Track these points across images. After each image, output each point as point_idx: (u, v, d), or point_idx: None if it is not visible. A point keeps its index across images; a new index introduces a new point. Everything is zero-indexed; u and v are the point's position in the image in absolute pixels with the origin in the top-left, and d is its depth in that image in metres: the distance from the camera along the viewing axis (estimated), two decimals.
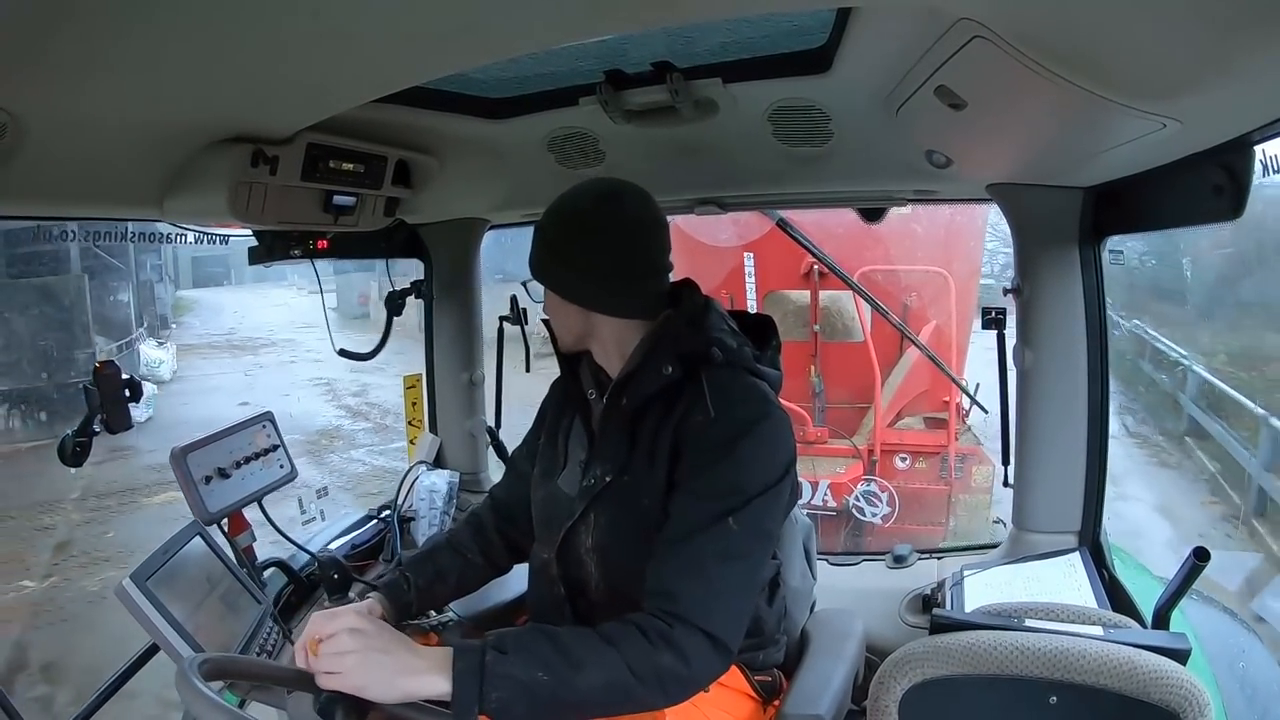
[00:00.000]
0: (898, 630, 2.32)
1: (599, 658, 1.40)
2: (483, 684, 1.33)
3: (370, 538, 2.57)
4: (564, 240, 1.69)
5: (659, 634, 1.42)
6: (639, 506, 1.63)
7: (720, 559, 1.50)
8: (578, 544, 1.72)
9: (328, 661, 1.34)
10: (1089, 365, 2.11)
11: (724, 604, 1.49)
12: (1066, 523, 2.20)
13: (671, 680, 1.42)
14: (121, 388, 1.80)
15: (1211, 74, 1.09)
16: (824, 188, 2.29)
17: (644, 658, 1.40)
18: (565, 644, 1.41)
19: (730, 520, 1.51)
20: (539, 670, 1.36)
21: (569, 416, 1.86)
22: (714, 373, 1.63)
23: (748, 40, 1.69)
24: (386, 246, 2.53)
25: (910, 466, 6.46)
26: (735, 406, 1.60)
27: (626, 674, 1.39)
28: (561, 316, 1.75)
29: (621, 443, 1.68)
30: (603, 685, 1.38)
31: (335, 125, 1.70)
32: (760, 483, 1.55)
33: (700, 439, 1.58)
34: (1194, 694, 1.43)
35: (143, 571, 1.62)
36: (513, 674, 1.35)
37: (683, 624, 1.43)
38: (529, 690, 1.35)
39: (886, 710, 1.60)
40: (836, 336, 6.55)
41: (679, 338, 1.67)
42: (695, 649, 1.43)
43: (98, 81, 1.17)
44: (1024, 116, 1.50)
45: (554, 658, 1.38)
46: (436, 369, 2.87)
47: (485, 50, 1.36)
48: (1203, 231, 7.43)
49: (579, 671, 1.37)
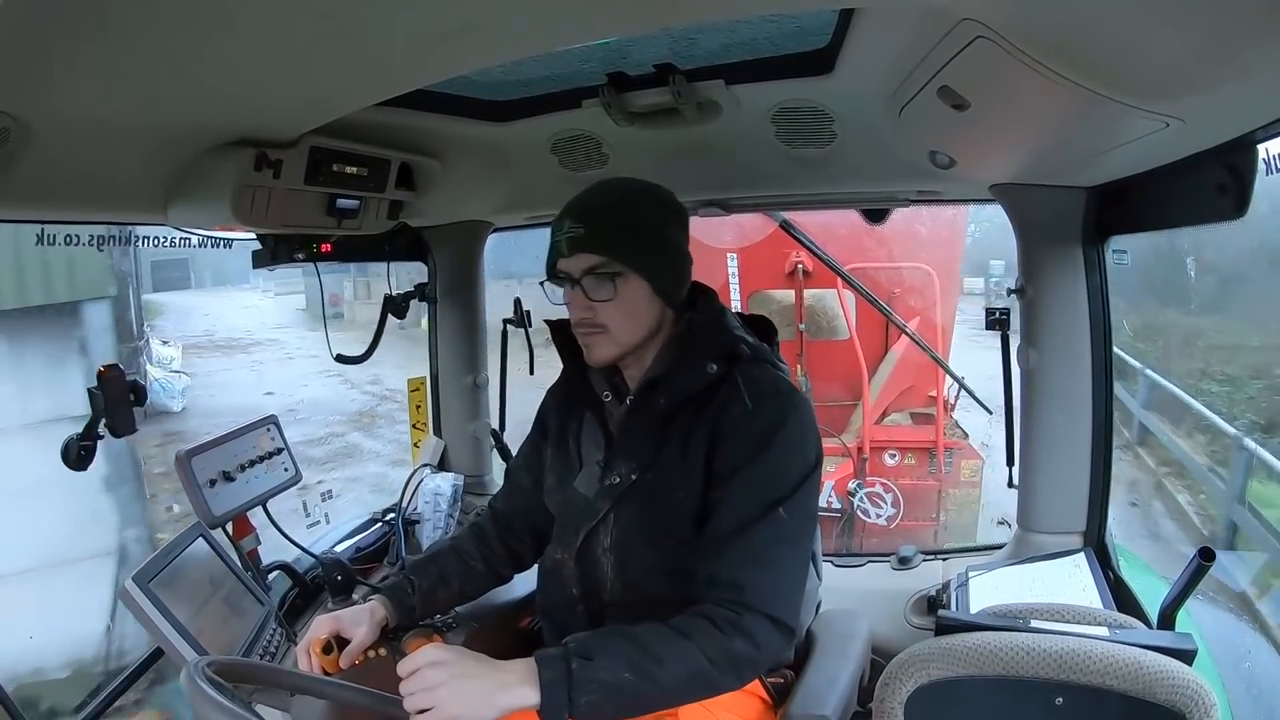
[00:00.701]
0: (903, 631, 2.32)
1: (678, 651, 1.44)
2: (571, 690, 1.36)
3: (375, 540, 2.57)
4: (658, 223, 1.67)
5: (729, 622, 1.47)
6: (668, 502, 1.64)
7: (775, 546, 1.55)
8: (596, 545, 1.72)
9: (421, 699, 1.35)
10: (1093, 365, 2.11)
11: (783, 588, 1.55)
12: (1071, 523, 2.20)
13: (745, 664, 1.49)
14: (126, 391, 1.80)
15: (1214, 73, 1.09)
16: (827, 189, 2.28)
17: (718, 646, 1.45)
18: (645, 642, 1.45)
19: (781, 510, 1.56)
20: (625, 671, 1.40)
21: (577, 420, 1.84)
22: (746, 368, 1.65)
23: (750, 42, 1.69)
24: (390, 249, 2.53)
25: (900, 463, 6.50)
26: (769, 399, 1.62)
27: (705, 663, 1.44)
28: (639, 313, 1.66)
29: (649, 440, 1.69)
30: (685, 676, 1.44)
31: (339, 128, 1.70)
32: (802, 469, 1.60)
33: (739, 432, 1.60)
34: (1200, 694, 1.43)
35: (145, 573, 1.63)
36: (600, 678, 1.39)
37: (749, 611, 1.49)
38: (617, 690, 1.39)
39: (892, 711, 1.60)
40: (822, 335, 6.66)
41: (712, 336, 1.68)
42: (763, 633, 1.49)
43: (101, 85, 1.17)
44: (1027, 116, 1.50)
45: (636, 656, 1.42)
46: (440, 372, 2.87)
47: (488, 53, 1.36)
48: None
49: (662, 667, 1.42)
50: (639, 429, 1.70)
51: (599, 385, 1.80)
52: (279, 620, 1.94)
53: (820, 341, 6.66)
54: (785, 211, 3.88)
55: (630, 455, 1.70)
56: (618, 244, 1.61)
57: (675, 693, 1.46)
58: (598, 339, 1.66)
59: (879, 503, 6.28)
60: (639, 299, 1.64)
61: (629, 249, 1.62)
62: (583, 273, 1.62)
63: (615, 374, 1.78)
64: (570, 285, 1.65)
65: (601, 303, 1.62)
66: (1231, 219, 1.48)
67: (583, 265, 1.62)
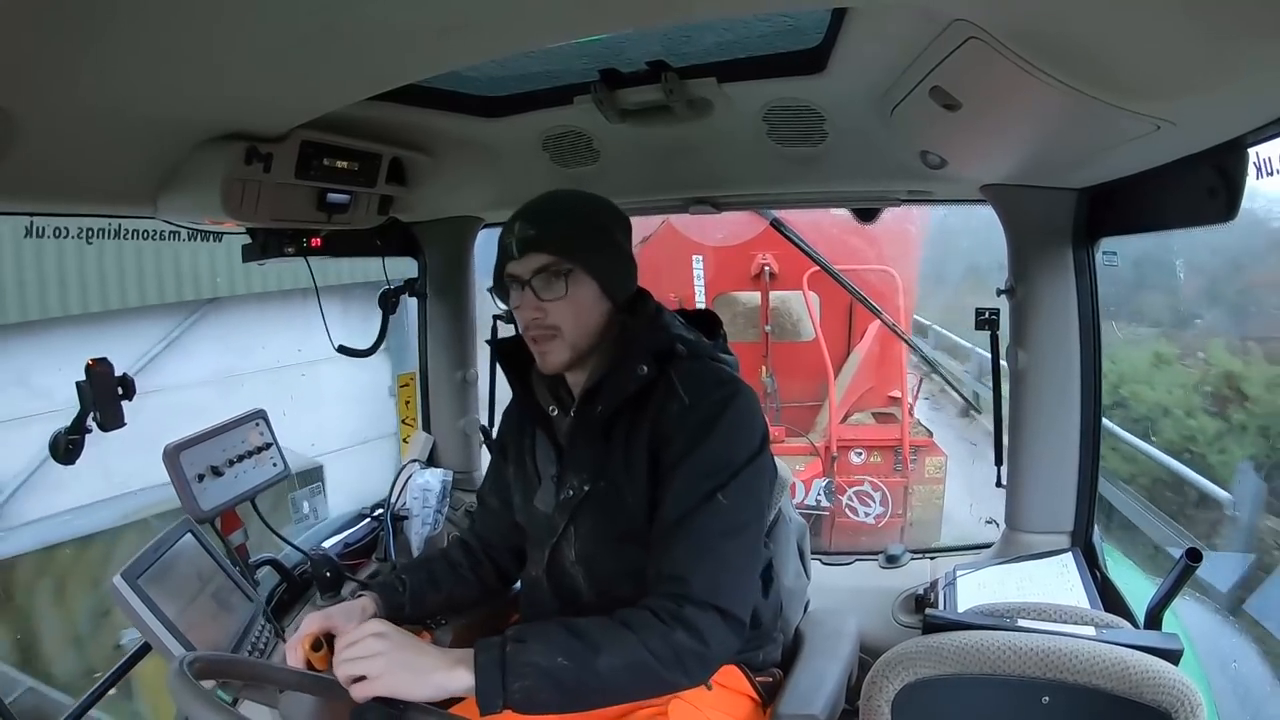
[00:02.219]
0: (891, 630, 2.33)
1: (617, 641, 1.43)
2: (505, 675, 1.37)
3: (363, 536, 2.56)
4: (605, 224, 1.71)
5: (670, 614, 1.45)
6: (622, 509, 1.64)
7: (717, 535, 1.53)
8: (562, 558, 1.74)
9: (358, 666, 1.35)
10: (1082, 366, 2.12)
11: (729, 578, 1.52)
12: (1059, 523, 2.21)
13: (690, 658, 1.45)
14: (114, 385, 1.79)
15: (1206, 76, 1.10)
16: (818, 188, 2.28)
17: (659, 639, 1.43)
18: (583, 630, 1.44)
19: (720, 496, 1.54)
20: (559, 656, 1.39)
21: (530, 436, 1.86)
22: (680, 365, 1.66)
23: (743, 40, 1.69)
24: (381, 245, 2.52)
25: (865, 461, 6.55)
26: (707, 390, 1.63)
27: (646, 654, 1.42)
28: (587, 315, 1.68)
29: (595, 450, 1.69)
30: (624, 667, 1.41)
31: (329, 123, 1.69)
32: (743, 455, 1.59)
33: (679, 426, 1.60)
34: (1186, 694, 1.44)
35: (134, 569, 1.61)
36: (534, 661, 1.38)
37: (692, 603, 1.47)
38: (552, 677, 1.38)
39: (879, 710, 1.60)
40: (786, 336, 6.78)
41: (644, 339, 1.68)
42: (708, 625, 1.46)
43: (91, 79, 1.16)
44: (1018, 117, 1.50)
45: (573, 643, 1.42)
46: (430, 368, 2.86)
47: (481, 48, 1.35)
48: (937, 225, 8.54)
49: (598, 655, 1.41)
50: (583, 439, 1.71)
51: (544, 400, 1.81)
52: (267, 616, 1.93)
53: (785, 343, 6.76)
54: (775, 210, 3.88)
55: (580, 467, 1.71)
56: (568, 243, 1.64)
57: (617, 684, 1.44)
58: (550, 344, 1.67)
59: (868, 501, 6.33)
60: (588, 298, 1.67)
61: (578, 247, 1.65)
62: (533, 273, 1.65)
63: (560, 386, 1.80)
64: (520, 288, 1.66)
65: (551, 302, 1.64)
66: (1221, 222, 1.49)
67: (533, 265, 1.64)
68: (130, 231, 6.69)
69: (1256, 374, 6.66)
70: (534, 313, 1.65)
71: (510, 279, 1.69)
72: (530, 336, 1.68)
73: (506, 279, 1.70)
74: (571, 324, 1.66)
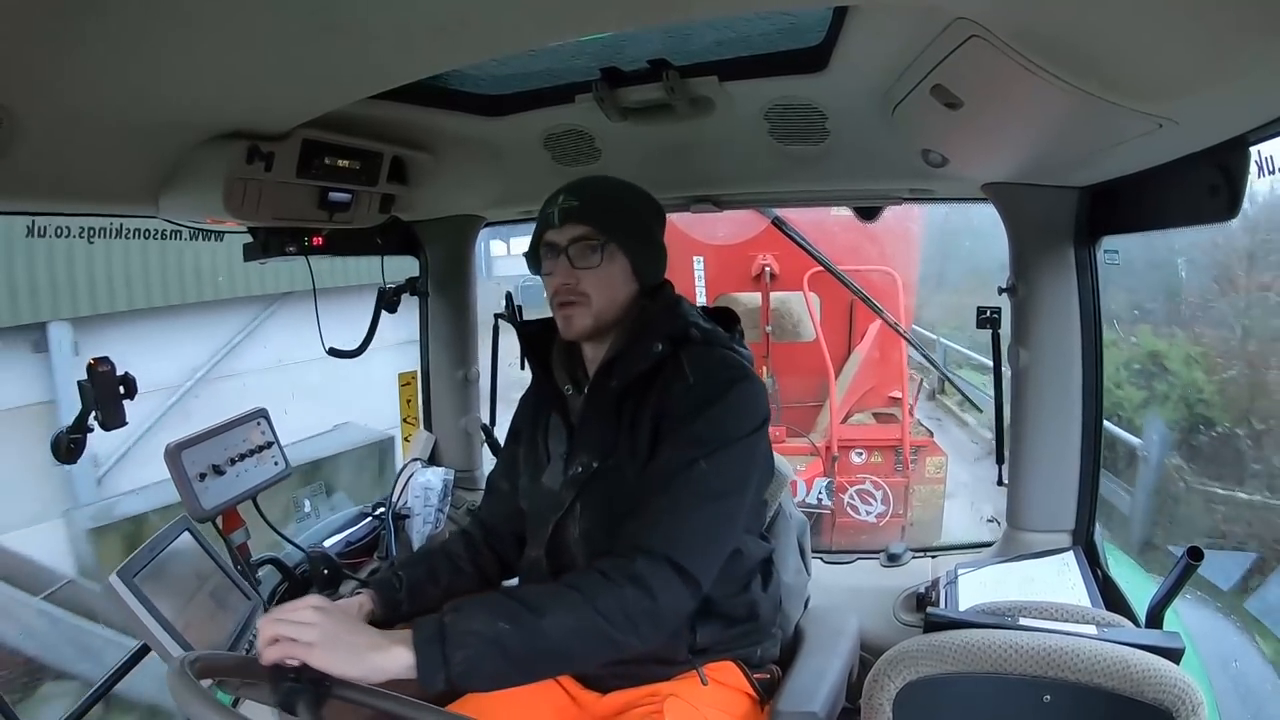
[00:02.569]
0: (892, 628, 2.33)
1: (562, 602, 1.41)
2: (445, 647, 1.32)
3: (365, 535, 2.56)
4: (644, 212, 1.78)
5: (619, 570, 1.45)
6: (625, 487, 1.65)
7: (690, 496, 1.54)
8: (566, 536, 1.74)
9: (287, 628, 1.31)
10: (1084, 365, 2.11)
11: (691, 534, 1.52)
12: (1060, 522, 2.20)
13: (640, 615, 1.44)
14: (116, 384, 1.79)
15: (1208, 74, 1.09)
16: (820, 186, 2.28)
17: (608, 597, 1.42)
18: (525, 595, 1.44)
19: (702, 462, 1.55)
20: (500, 620, 1.36)
21: (545, 416, 1.88)
22: (692, 349, 1.70)
23: (744, 38, 1.69)
24: (382, 243, 2.53)
25: (866, 460, 6.54)
26: (714, 372, 1.66)
27: (593, 614, 1.40)
28: (615, 290, 1.73)
29: (605, 427, 1.72)
30: (572, 628, 1.39)
31: (331, 121, 1.69)
32: (733, 433, 1.61)
33: (680, 403, 1.63)
34: (1187, 693, 1.44)
35: (130, 568, 1.61)
36: (474, 629, 1.35)
37: (646, 555, 1.47)
38: (495, 643, 1.35)
39: (881, 708, 1.60)
40: (787, 337, 6.72)
41: (662, 321, 1.73)
42: (660, 580, 1.46)
43: (93, 78, 1.16)
44: (1020, 116, 1.50)
45: (515, 607, 1.39)
46: (431, 366, 2.86)
47: (482, 47, 1.35)
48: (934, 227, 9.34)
49: (543, 617, 1.38)
50: (595, 417, 1.74)
51: (561, 380, 1.85)
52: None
53: (786, 344, 6.74)
54: (777, 208, 3.87)
55: (590, 444, 1.74)
56: (608, 219, 1.70)
57: (566, 647, 1.40)
58: (576, 309, 1.71)
59: (869, 500, 6.33)
60: (619, 273, 1.72)
61: (617, 224, 1.70)
62: (570, 241, 1.69)
63: (577, 367, 1.83)
64: (555, 255, 1.71)
65: (585, 270, 1.69)
66: (1223, 220, 1.49)
67: (571, 235, 1.69)
68: (208, 235, 7.16)
69: (1176, 353, 7.39)
70: (566, 278, 1.70)
71: (547, 246, 1.73)
72: (558, 302, 1.73)
73: (543, 247, 1.74)
74: (599, 294, 1.71)
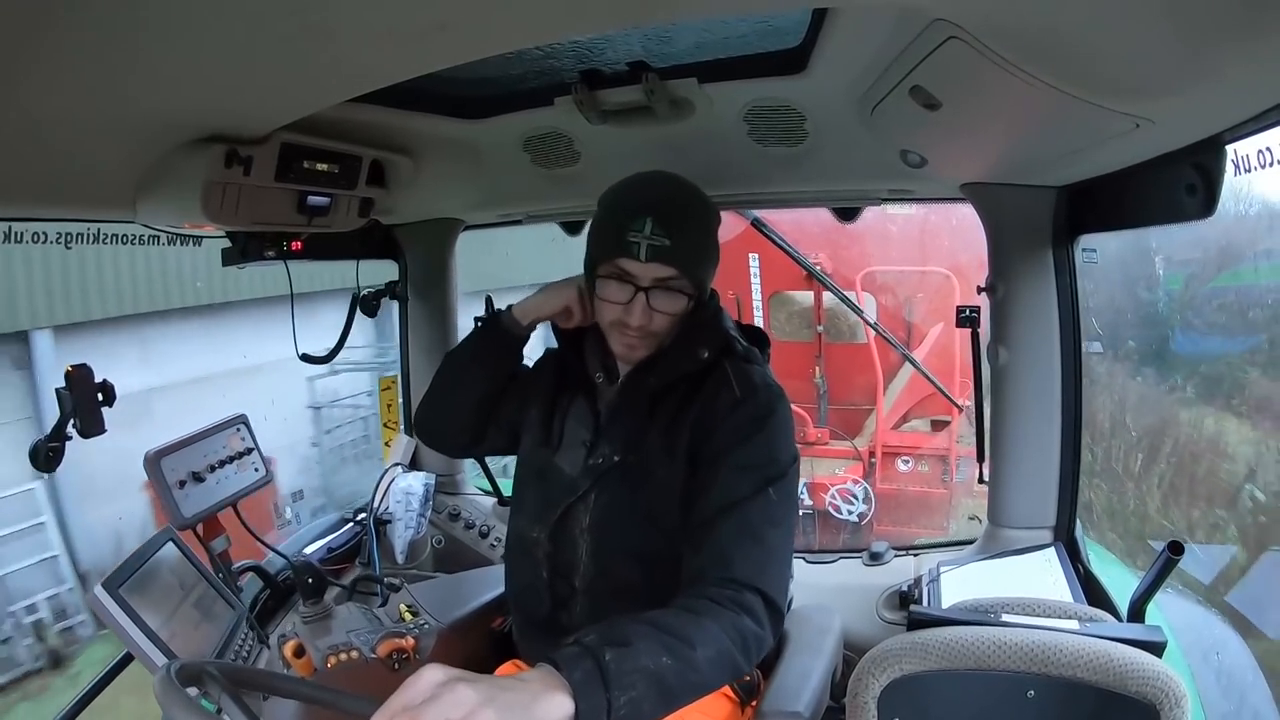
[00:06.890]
0: (875, 627, 2.33)
1: (702, 632, 1.32)
2: (609, 691, 1.15)
3: (346, 541, 2.56)
4: (716, 235, 1.77)
5: (730, 600, 1.43)
6: (650, 484, 1.67)
7: (767, 525, 1.55)
8: (574, 523, 1.74)
9: (455, 711, 1.02)
10: (1062, 363, 2.13)
11: (775, 567, 1.54)
12: (1041, 518, 2.22)
13: (754, 641, 1.43)
14: (94, 391, 1.77)
15: (1184, 74, 1.10)
16: (800, 187, 2.29)
17: (731, 624, 1.39)
18: (669, 624, 1.30)
19: (771, 490, 1.57)
20: (663, 655, 1.23)
21: (568, 396, 1.86)
22: (735, 362, 1.71)
23: (723, 40, 1.69)
24: (361, 247, 2.51)
25: (913, 469, 6.50)
26: (759, 390, 1.67)
27: (727, 643, 1.36)
28: (679, 317, 1.71)
29: (635, 423, 1.72)
30: (714, 659, 1.32)
31: (310, 125, 1.68)
32: (789, 455, 1.64)
33: (732, 417, 1.64)
34: (1170, 686, 1.45)
35: (115, 579, 1.60)
36: (641, 666, 1.20)
37: (744, 588, 1.46)
38: (658, 680, 1.21)
39: (865, 706, 1.60)
40: (841, 338, 6.69)
41: (708, 329, 1.74)
42: (760, 611, 1.45)
43: (68, 81, 1.15)
44: (998, 116, 1.51)
45: (668, 640, 1.26)
46: (412, 371, 2.85)
47: (461, 50, 1.34)
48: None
49: (695, 649, 1.28)
50: (626, 410, 1.74)
51: (593, 367, 1.84)
52: (250, 623, 1.92)
53: (839, 345, 6.68)
54: (757, 210, 3.86)
55: (616, 437, 1.73)
56: (698, 264, 1.69)
57: (708, 680, 1.31)
58: (644, 343, 1.71)
59: (850, 499, 6.32)
60: (688, 305, 1.71)
61: (705, 269, 1.71)
62: (654, 282, 1.65)
63: (609, 356, 1.81)
64: (633, 290, 1.66)
65: (662, 313, 1.67)
66: (1200, 218, 1.50)
67: (656, 275, 1.65)
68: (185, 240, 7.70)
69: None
70: (641, 319, 1.67)
71: (624, 275, 1.67)
72: (622, 333, 1.70)
73: (616, 272, 1.68)
74: (668, 329, 1.71)
